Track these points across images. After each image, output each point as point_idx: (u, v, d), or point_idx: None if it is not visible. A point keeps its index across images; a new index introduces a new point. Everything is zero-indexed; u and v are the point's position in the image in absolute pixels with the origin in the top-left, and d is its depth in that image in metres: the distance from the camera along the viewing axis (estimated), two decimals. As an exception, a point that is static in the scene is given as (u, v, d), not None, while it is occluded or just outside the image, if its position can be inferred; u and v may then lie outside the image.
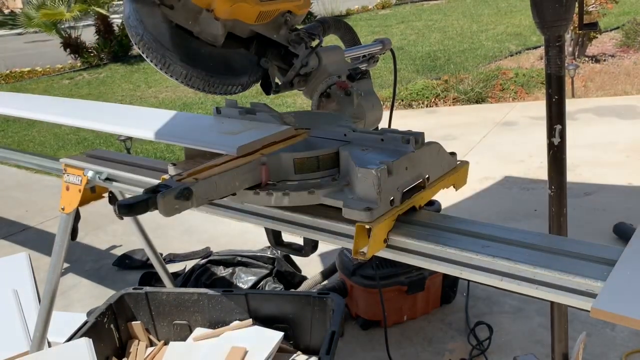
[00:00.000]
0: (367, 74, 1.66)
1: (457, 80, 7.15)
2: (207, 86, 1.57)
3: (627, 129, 5.29)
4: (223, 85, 1.60)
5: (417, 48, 10.07)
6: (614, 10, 8.18)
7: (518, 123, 5.80)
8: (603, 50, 8.42)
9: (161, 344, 2.26)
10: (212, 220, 3.93)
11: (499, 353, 2.54)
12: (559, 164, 1.81)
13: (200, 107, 7.64)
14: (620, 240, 3.29)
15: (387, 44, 1.87)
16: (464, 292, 2.93)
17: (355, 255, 1.08)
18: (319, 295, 2.14)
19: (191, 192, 1.05)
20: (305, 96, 1.73)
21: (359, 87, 1.59)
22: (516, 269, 0.98)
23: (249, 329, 2.14)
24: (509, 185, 4.33)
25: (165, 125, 1.48)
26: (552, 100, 1.75)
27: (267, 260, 2.98)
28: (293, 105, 7.20)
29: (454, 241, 1.07)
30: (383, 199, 1.09)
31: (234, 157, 1.21)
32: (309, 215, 1.21)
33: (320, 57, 1.64)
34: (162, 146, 5.97)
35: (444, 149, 1.28)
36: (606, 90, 6.68)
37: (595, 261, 0.96)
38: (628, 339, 2.52)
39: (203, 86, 1.56)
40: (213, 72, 1.56)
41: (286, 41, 1.65)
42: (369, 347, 2.64)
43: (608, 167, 4.45)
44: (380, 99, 1.69)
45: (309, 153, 1.22)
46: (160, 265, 2.61)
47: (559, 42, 1.71)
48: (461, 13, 13.78)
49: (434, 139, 1.26)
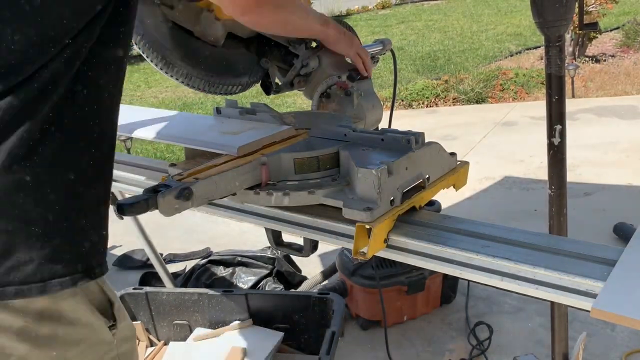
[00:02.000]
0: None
1: (457, 81, 7.15)
2: (208, 86, 1.57)
3: (627, 129, 5.30)
4: (223, 86, 1.60)
5: (417, 48, 10.07)
6: (614, 10, 8.18)
7: (518, 123, 5.80)
8: (603, 50, 8.43)
9: (161, 344, 2.26)
10: (212, 220, 3.93)
11: (499, 353, 2.54)
12: (559, 164, 1.81)
13: (200, 107, 7.64)
14: (620, 240, 3.30)
15: (387, 44, 1.87)
16: (464, 292, 2.93)
17: (356, 255, 1.08)
18: (319, 295, 2.14)
19: (191, 192, 1.05)
20: (305, 96, 1.73)
21: (360, 87, 1.59)
22: (516, 269, 0.98)
23: (249, 329, 2.15)
24: (509, 185, 4.33)
25: (165, 125, 1.48)
26: (552, 100, 1.75)
27: (267, 260, 2.99)
28: (293, 105, 7.20)
29: (454, 241, 1.07)
30: (383, 199, 1.09)
31: (234, 157, 1.21)
32: (309, 215, 1.21)
33: (320, 58, 1.64)
34: (162, 146, 5.97)
35: (444, 149, 1.28)
36: (606, 90, 6.68)
37: (595, 261, 0.96)
38: (628, 339, 2.52)
39: (203, 86, 1.56)
40: (213, 72, 1.56)
41: (286, 41, 1.65)
42: (369, 347, 2.64)
43: (608, 167, 4.46)
44: (380, 99, 1.69)
45: (309, 153, 1.22)
46: (160, 265, 2.62)
47: (559, 42, 1.71)
48: (461, 13, 13.78)
49: (434, 139, 1.26)
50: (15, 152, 0.83)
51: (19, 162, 0.84)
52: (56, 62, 0.85)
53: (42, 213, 0.85)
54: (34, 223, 0.85)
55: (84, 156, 0.92)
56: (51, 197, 0.86)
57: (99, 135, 0.94)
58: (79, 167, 0.91)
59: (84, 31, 0.87)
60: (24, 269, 0.84)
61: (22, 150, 0.84)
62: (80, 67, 0.88)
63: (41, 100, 0.85)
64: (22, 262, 0.84)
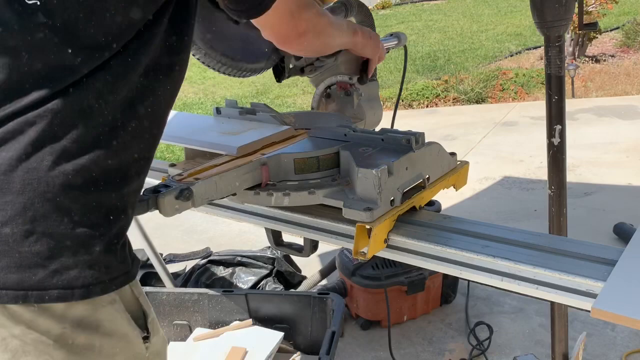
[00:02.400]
0: (374, 76, 1.64)
1: (457, 81, 7.16)
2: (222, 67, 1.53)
3: (627, 129, 5.30)
4: (238, 71, 1.57)
5: (417, 48, 10.07)
6: (614, 10, 8.18)
7: (518, 123, 5.80)
8: (603, 51, 8.43)
9: (161, 344, 2.26)
10: (212, 220, 3.93)
11: (499, 353, 2.54)
12: (559, 164, 1.81)
13: (200, 107, 7.64)
14: (620, 240, 3.30)
15: (402, 39, 1.80)
16: (464, 292, 2.93)
17: (356, 255, 1.08)
18: (319, 295, 2.14)
19: (191, 192, 1.05)
20: (311, 83, 1.70)
21: (367, 89, 1.57)
22: (516, 269, 0.98)
23: (249, 329, 2.15)
24: (509, 185, 4.33)
25: (165, 125, 1.47)
26: (552, 100, 1.75)
27: (267, 260, 2.98)
28: (293, 105, 7.20)
29: (454, 241, 1.07)
30: (383, 199, 1.09)
31: (234, 157, 1.21)
32: (309, 216, 1.21)
33: (337, 55, 1.61)
34: (162, 146, 5.97)
35: (444, 149, 1.29)
36: (606, 90, 6.68)
37: (596, 261, 0.96)
38: (628, 339, 2.52)
39: (218, 68, 1.53)
40: (230, 54, 1.51)
41: None
42: (369, 347, 2.64)
43: (608, 167, 4.46)
44: (380, 100, 1.69)
45: (309, 153, 1.22)
46: (160, 265, 2.62)
47: (559, 42, 1.71)
48: (461, 13, 13.78)
49: (434, 139, 1.26)
50: (68, 152, 0.83)
51: (69, 162, 0.83)
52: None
53: (88, 217, 0.85)
54: (80, 227, 0.84)
55: (135, 163, 0.92)
56: (97, 202, 0.86)
57: (153, 140, 0.95)
58: (127, 173, 0.91)
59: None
60: (67, 273, 0.83)
61: (74, 150, 0.84)
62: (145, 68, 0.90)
63: (95, 103, 0.85)
64: (67, 267, 0.83)
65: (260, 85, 8.39)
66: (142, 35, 0.88)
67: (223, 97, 7.71)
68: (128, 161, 0.90)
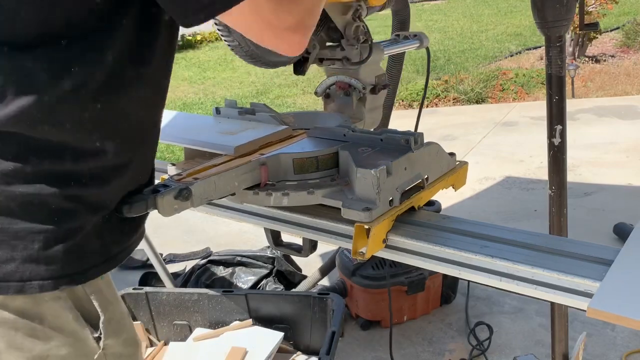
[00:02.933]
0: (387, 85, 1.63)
1: (457, 81, 7.15)
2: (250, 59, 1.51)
3: (627, 129, 5.29)
4: (263, 64, 1.55)
5: (418, 48, 10.06)
6: (614, 10, 8.17)
7: (518, 123, 5.80)
8: (603, 51, 8.42)
9: (161, 344, 2.26)
10: (212, 220, 3.93)
11: (499, 353, 2.54)
12: (559, 164, 1.81)
13: (200, 107, 7.64)
14: (620, 240, 3.29)
15: (425, 41, 1.73)
16: (464, 292, 2.93)
17: (355, 255, 1.09)
18: (319, 295, 2.14)
19: (190, 192, 1.05)
20: (324, 71, 1.68)
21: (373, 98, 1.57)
22: (515, 269, 0.98)
23: (249, 329, 2.15)
24: (509, 185, 4.33)
25: (165, 125, 1.48)
26: (553, 100, 1.75)
27: (267, 260, 2.98)
28: (293, 105, 7.20)
29: (453, 241, 1.07)
30: (382, 199, 1.09)
31: (233, 157, 1.21)
32: (308, 216, 1.21)
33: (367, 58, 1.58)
34: (162, 146, 5.97)
35: (443, 150, 1.29)
36: (606, 90, 6.68)
37: (594, 261, 0.96)
38: (628, 339, 2.52)
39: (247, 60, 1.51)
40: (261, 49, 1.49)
41: (343, 28, 1.57)
42: (369, 348, 2.64)
43: (608, 167, 4.45)
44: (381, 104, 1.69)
45: (308, 153, 1.22)
46: (160, 265, 2.62)
47: (560, 43, 1.71)
48: (461, 13, 13.77)
49: (434, 139, 1.26)
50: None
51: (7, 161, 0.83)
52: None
53: (28, 214, 0.84)
54: (20, 223, 0.84)
55: (84, 165, 0.89)
56: (38, 200, 0.85)
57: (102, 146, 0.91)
58: (77, 176, 0.88)
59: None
60: (4, 267, 0.84)
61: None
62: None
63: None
64: (4, 260, 0.84)
65: (260, 85, 8.39)
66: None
67: (223, 97, 7.69)
68: (74, 163, 0.87)
